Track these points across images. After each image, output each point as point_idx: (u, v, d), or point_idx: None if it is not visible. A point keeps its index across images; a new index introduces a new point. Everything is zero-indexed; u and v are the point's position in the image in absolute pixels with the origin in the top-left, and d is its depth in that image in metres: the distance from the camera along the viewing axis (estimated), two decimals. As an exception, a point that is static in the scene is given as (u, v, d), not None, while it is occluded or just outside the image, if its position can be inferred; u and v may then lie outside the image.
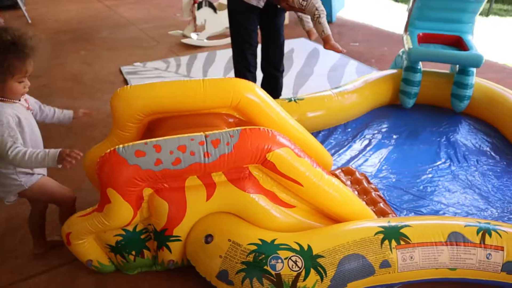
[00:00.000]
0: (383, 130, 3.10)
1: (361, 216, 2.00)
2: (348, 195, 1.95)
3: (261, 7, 2.89)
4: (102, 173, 1.72)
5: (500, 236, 1.80)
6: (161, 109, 2.12)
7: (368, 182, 2.51)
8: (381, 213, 2.25)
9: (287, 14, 5.36)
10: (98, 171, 1.73)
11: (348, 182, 2.50)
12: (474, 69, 3.15)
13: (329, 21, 5.92)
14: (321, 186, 1.86)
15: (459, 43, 3.33)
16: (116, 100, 2.07)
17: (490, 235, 1.79)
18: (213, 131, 1.78)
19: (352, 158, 2.80)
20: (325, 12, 2.77)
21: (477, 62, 3.02)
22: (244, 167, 1.81)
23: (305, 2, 2.72)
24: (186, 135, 1.74)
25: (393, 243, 1.76)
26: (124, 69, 4.52)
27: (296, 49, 4.82)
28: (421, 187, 2.52)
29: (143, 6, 7.55)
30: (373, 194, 2.39)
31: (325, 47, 2.80)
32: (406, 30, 3.47)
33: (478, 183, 2.56)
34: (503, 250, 1.77)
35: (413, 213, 2.32)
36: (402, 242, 1.77)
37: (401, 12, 6.63)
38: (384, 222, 1.85)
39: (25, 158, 1.69)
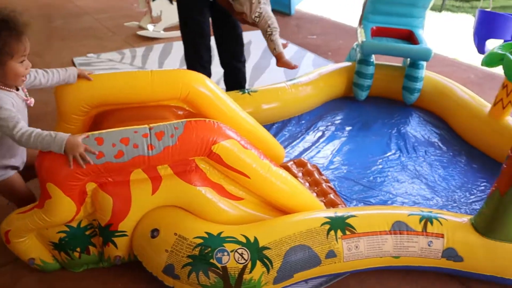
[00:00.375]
0: (337, 122, 3.14)
1: (310, 208, 2.01)
2: (296, 187, 1.97)
3: None
4: (42, 168, 1.66)
5: (441, 224, 1.86)
6: (107, 101, 2.07)
7: (320, 173, 2.54)
8: (331, 204, 2.27)
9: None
10: (37, 165, 1.67)
11: (300, 174, 2.51)
12: (424, 63, 3.23)
13: (288, 14, 5.95)
14: (268, 178, 1.86)
15: (410, 37, 3.41)
16: (60, 91, 2.01)
17: (431, 223, 1.85)
18: (158, 123, 1.74)
19: (305, 150, 2.82)
20: (277, 30, 2.74)
21: (426, 55, 3.10)
22: (190, 159, 1.79)
23: (257, 19, 2.70)
24: (130, 127, 1.70)
25: (339, 233, 1.79)
26: (77, 60, 4.38)
27: (254, 41, 4.81)
28: (371, 178, 2.57)
29: (99, -5, 7.34)
30: (324, 185, 2.41)
31: (277, 65, 2.74)
32: (360, 23, 3.52)
33: (425, 173, 2.64)
34: (443, 237, 1.83)
35: (362, 203, 2.36)
36: (347, 232, 1.80)
37: (358, 6, 6.74)
38: (331, 213, 1.87)
39: (30, 139, 1.60)
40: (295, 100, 3.09)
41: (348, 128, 3.08)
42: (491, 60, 2.71)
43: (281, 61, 2.72)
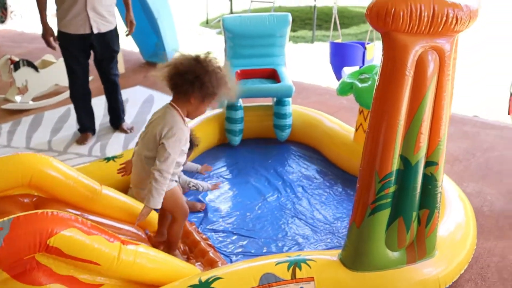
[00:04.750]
0: (214, 172, 3.09)
1: (180, 276, 1.89)
2: (157, 259, 1.84)
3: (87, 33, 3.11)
4: None
5: (310, 266, 1.83)
6: None
7: (198, 232, 2.44)
8: (210, 264, 2.18)
9: (121, 60, 5.22)
10: None
11: (177, 237, 2.39)
12: (290, 99, 3.33)
13: (166, 64, 5.90)
14: (122, 259, 1.71)
15: (274, 75, 3.52)
16: None
17: (300, 268, 1.82)
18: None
19: (183, 208, 2.71)
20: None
21: (288, 92, 3.20)
22: (27, 258, 1.59)
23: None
24: None
25: (206, 301, 1.69)
26: None
27: (131, 99, 4.66)
28: (251, 225, 2.52)
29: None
30: (202, 244, 2.32)
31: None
32: (224, 69, 3.56)
33: (304, 210, 2.65)
34: (313, 280, 1.80)
35: (241, 256, 2.29)
36: (215, 298, 1.70)
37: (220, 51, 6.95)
38: (195, 280, 1.76)
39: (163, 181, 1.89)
40: (168, 157, 2.99)
41: (227, 176, 3.04)
42: (343, 89, 2.86)
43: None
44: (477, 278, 2.18)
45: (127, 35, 3.73)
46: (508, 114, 2.77)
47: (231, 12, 8.04)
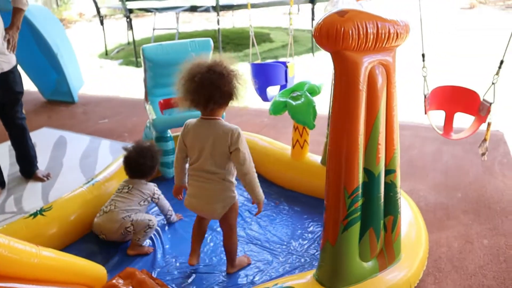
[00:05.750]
0: (152, 211, 2.90)
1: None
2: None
3: None
4: None
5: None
6: None
7: (152, 277, 2.25)
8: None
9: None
10: None
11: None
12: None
13: (72, 102, 5.51)
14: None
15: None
16: None
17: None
18: None
19: (129, 256, 2.50)
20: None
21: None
22: None
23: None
24: None
25: None
26: None
27: (39, 143, 4.23)
28: (207, 261, 2.39)
29: None
30: (161, 291, 2.14)
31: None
32: (146, 99, 3.40)
33: (257, 234, 2.59)
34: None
35: (207, 295, 2.16)
36: None
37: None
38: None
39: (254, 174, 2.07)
40: (98, 201, 2.73)
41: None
42: (276, 108, 2.87)
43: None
44: (434, 271, 2.29)
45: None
46: (425, 113, 3.00)
47: (133, 42, 7.76)
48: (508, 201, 2.90)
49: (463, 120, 3.14)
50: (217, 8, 7.17)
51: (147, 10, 8.11)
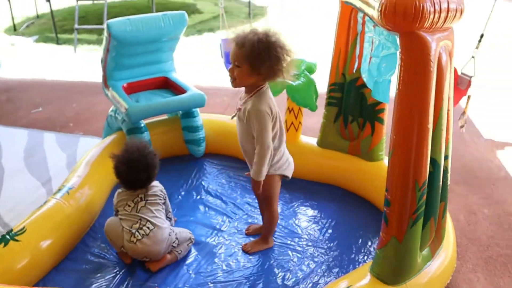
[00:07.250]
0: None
1: None
2: None
3: None
4: None
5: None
6: None
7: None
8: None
9: None
10: None
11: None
12: (198, 109, 2.96)
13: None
14: None
15: (167, 84, 3.08)
16: None
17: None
18: None
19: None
20: None
21: (200, 102, 2.87)
22: None
23: None
24: None
25: None
26: None
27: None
28: (225, 267, 2.15)
29: None
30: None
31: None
32: (106, 85, 2.94)
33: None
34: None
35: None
36: None
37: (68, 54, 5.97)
38: None
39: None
40: (80, 213, 2.30)
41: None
42: (273, 88, 2.63)
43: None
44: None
45: None
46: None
47: (51, 14, 6.76)
48: (488, 169, 3.03)
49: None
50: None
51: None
